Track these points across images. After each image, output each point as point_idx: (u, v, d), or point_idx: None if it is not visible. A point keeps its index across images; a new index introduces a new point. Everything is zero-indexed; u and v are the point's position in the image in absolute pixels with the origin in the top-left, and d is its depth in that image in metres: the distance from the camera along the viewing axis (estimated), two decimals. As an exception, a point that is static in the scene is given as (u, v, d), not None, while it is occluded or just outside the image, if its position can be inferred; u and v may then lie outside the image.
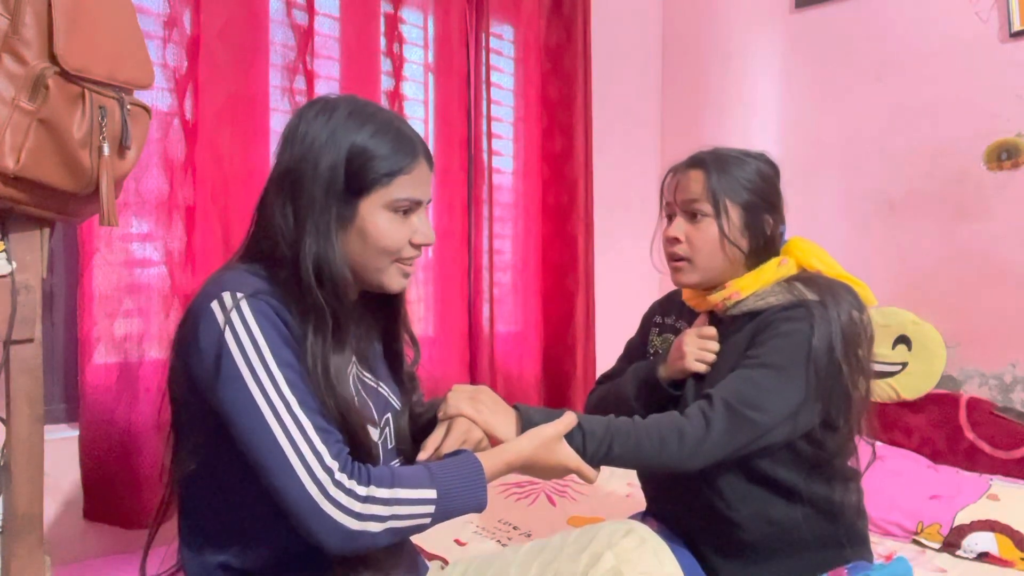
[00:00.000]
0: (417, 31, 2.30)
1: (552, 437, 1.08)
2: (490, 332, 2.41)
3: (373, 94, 2.12)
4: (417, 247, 1.02)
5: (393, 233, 0.98)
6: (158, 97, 1.70)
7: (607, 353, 2.84)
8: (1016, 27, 2.21)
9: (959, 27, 2.33)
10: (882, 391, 2.26)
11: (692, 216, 1.30)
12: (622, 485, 2.21)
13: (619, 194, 2.96)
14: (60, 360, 1.70)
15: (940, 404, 2.23)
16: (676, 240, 1.31)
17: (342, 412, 0.94)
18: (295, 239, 0.94)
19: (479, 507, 0.96)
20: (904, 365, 2.24)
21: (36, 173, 0.92)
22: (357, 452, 0.95)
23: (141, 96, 1.09)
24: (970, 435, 2.16)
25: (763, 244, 1.30)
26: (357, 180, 0.95)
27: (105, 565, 1.62)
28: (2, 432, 1.01)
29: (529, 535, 1.82)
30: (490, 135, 2.40)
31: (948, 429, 2.20)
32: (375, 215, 0.97)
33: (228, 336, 0.88)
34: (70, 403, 1.72)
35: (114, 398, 1.66)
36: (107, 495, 1.65)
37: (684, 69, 3.08)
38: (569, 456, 1.10)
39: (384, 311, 1.14)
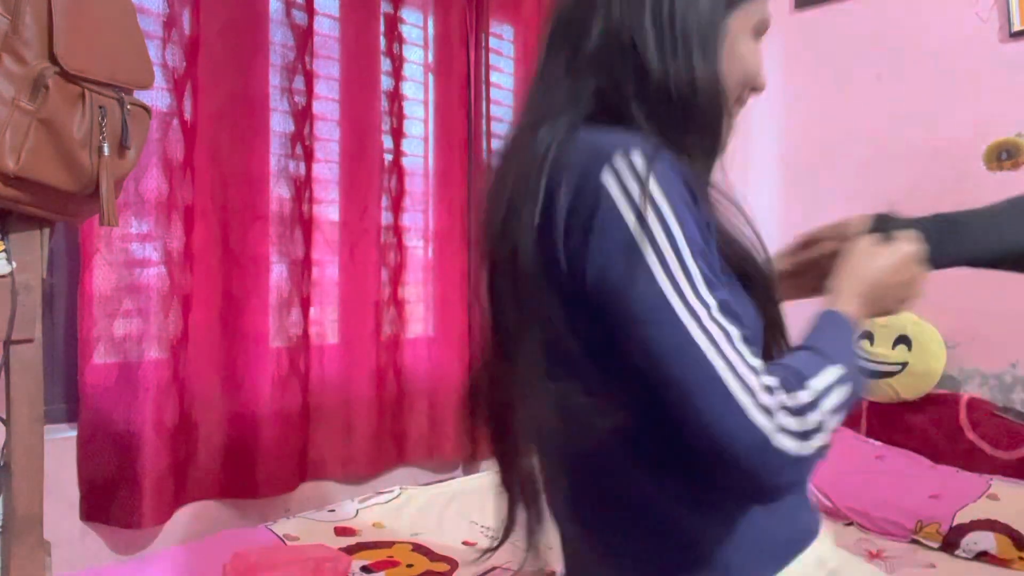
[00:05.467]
0: (417, 31, 2.30)
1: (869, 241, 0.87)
2: (490, 332, 2.40)
3: (373, 94, 2.12)
4: (754, 90, 0.91)
5: (756, 56, 0.88)
6: (158, 97, 1.70)
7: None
8: (1016, 27, 2.21)
9: (959, 27, 2.33)
10: (882, 391, 2.26)
11: None
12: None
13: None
14: (60, 360, 1.70)
15: (940, 404, 2.22)
16: None
17: (742, 258, 0.81)
18: (686, 63, 0.81)
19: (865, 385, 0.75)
20: (904, 365, 2.24)
21: (36, 173, 0.92)
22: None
23: (141, 96, 1.09)
24: (970, 435, 2.16)
25: None
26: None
27: (105, 565, 1.62)
28: (2, 432, 1.01)
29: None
30: (490, 135, 2.40)
31: (948, 429, 2.20)
32: (743, 36, 0.86)
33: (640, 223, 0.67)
34: (70, 403, 1.71)
35: (114, 398, 1.66)
36: (106, 495, 1.65)
37: (684, 69, 3.08)
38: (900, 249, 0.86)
39: None
